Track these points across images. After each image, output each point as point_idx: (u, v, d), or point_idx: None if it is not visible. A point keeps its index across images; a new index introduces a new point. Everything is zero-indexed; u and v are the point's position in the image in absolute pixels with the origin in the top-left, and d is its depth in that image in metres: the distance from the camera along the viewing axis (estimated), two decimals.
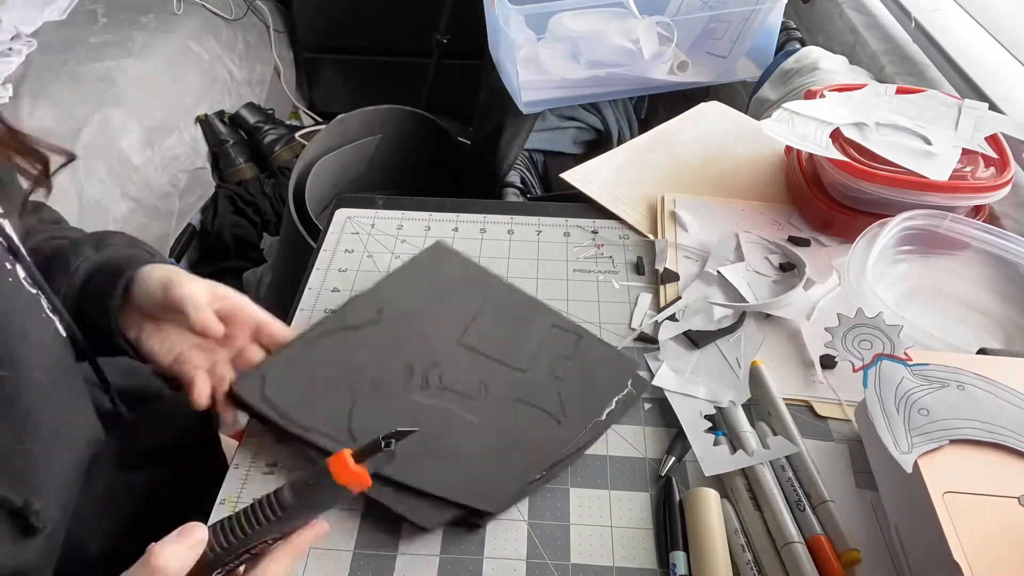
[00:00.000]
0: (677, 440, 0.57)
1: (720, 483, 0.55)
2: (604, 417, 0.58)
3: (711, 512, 0.51)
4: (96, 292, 0.57)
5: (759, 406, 0.59)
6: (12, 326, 0.47)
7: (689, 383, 0.62)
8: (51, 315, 0.53)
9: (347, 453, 0.42)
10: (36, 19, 1.68)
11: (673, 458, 0.56)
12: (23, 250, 0.52)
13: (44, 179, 0.56)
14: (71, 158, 0.57)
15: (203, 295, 0.56)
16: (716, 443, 0.56)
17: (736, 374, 0.63)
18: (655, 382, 0.62)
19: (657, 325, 0.67)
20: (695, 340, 0.66)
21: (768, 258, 0.74)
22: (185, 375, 0.57)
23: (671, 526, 0.51)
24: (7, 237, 0.51)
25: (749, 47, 1.15)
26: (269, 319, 0.60)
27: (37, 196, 0.58)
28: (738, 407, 0.59)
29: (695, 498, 0.52)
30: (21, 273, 0.51)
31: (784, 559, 0.49)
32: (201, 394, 0.56)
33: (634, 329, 0.67)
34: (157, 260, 0.60)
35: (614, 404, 0.59)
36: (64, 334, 0.54)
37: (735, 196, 0.82)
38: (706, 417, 0.59)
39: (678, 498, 0.53)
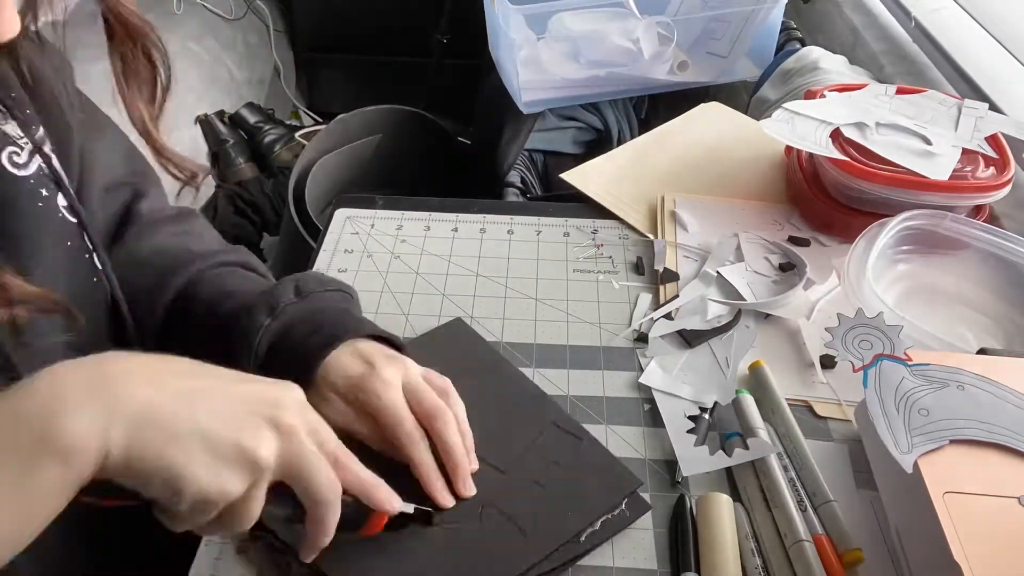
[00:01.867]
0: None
1: (730, 482, 0.55)
2: (582, 539, 0.50)
3: (723, 518, 0.50)
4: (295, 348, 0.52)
5: (762, 406, 0.59)
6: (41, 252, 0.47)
7: (676, 382, 0.62)
8: (96, 263, 0.52)
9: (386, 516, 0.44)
10: (36, 20, 1.67)
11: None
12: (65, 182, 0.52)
13: (192, 182, 0.56)
14: (208, 172, 0.58)
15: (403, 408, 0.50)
16: (697, 443, 0.56)
17: (724, 373, 0.63)
18: (641, 380, 0.62)
19: (652, 323, 0.67)
20: (688, 339, 0.66)
21: (768, 258, 0.74)
22: None
23: (683, 545, 0.50)
24: (53, 169, 0.51)
25: (749, 47, 1.15)
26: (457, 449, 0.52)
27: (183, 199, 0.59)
28: (753, 406, 0.59)
29: (708, 504, 0.51)
30: (62, 202, 0.51)
31: (792, 558, 0.49)
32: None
33: (635, 330, 0.67)
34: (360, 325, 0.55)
35: (598, 525, 0.51)
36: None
37: (735, 196, 0.82)
38: (689, 417, 0.58)
39: (690, 511, 0.52)
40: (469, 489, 0.51)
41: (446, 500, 0.50)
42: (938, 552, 0.44)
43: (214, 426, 0.37)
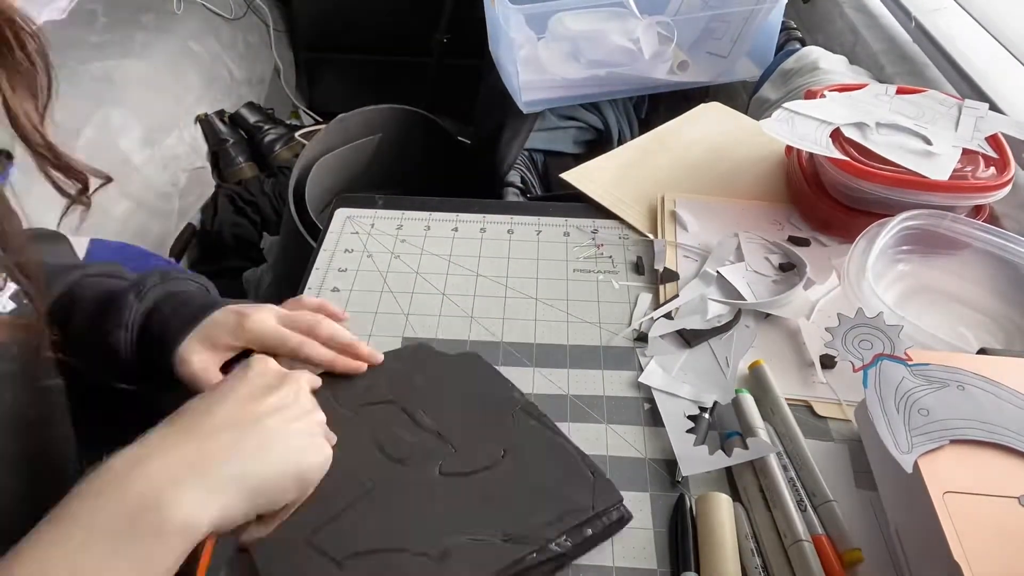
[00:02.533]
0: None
1: (729, 482, 0.55)
2: (553, 545, 0.48)
3: (723, 518, 0.50)
4: (166, 319, 0.58)
5: (762, 406, 0.59)
6: None
7: (675, 381, 0.62)
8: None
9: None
10: (35, 19, 1.67)
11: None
12: None
13: (82, 197, 0.54)
14: (108, 180, 0.55)
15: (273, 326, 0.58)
16: (697, 443, 0.56)
17: (724, 373, 0.63)
18: (641, 379, 0.62)
19: (652, 323, 0.67)
20: (688, 339, 0.66)
21: (768, 258, 0.74)
22: None
23: (683, 545, 0.50)
24: None
25: (749, 47, 1.15)
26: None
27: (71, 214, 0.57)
28: (752, 405, 0.59)
29: (707, 503, 0.52)
30: None
31: (791, 558, 0.49)
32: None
33: (635, 330, 0.67)
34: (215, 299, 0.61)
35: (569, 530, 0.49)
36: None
37: (735, 196, 0.82)
38: (689, 417, 0.58)
39: (690, 511, 0.52)
40: (374, 355, 0.60)
41: (352, 364, 0.59)
42: (938, 552, 0.44)
43: (288, 422, 0.48)
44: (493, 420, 0.56)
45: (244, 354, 0.57)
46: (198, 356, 0.56)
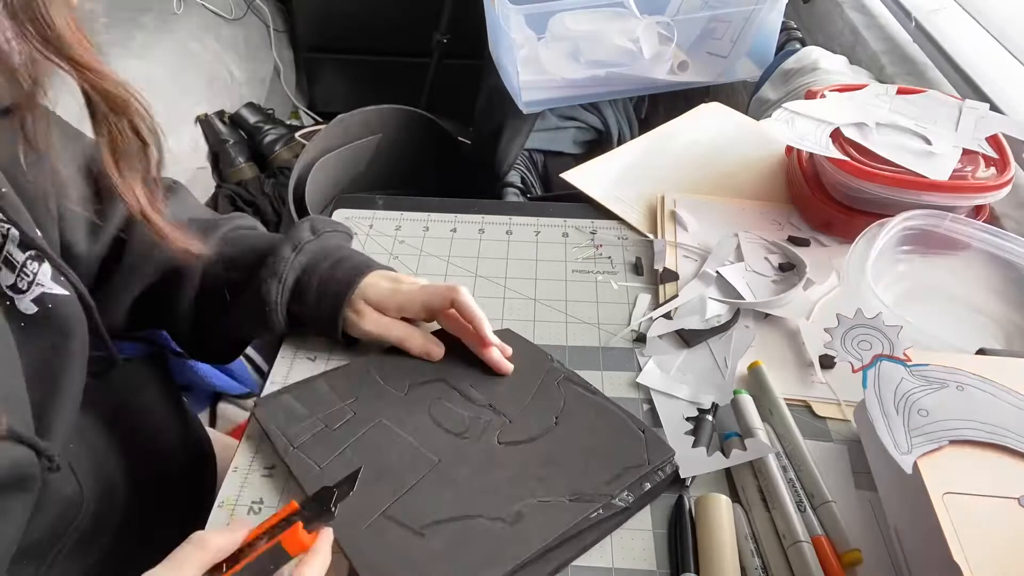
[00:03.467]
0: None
1: (728, 483, 0.55)
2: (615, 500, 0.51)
3: (722, 519, 0.50)
4: (326, 282, 0.61)
5: (761, 406, 0.59)
6: None
7: (673, 382, 0.62)
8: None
9: (299, 527, 0.43)
10: None
11: None
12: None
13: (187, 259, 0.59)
14: (206, 258, 0.60)
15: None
16: (697, 444, 0.56)
17: (722, 373, 0.62)
18: (639, 379, 0.62)
19: (651, 323, 0.67)
20: (687, 339, 0.66)
21: (768, 258, 0.74)
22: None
23: (682, 546, 0.50)
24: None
25: (749, 47, 1.15)
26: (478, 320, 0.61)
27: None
28: (751, 406, 0.58)
29: (706, 504, 0.51)
30: None
31: (791, 558, 0.49)
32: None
33: (634, 331, 0.67)
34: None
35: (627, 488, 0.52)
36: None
37: (735, 196, 0.82)
38: (689, 419, 0.58)
39: (688, 514, 0.52)
40: (502, 350, 0.61)
41: (495, 355, 0.60)
42: (938, 553, 0.43)
43: None
44: (539, 390, 0.59)
45: None
46: (370, 316, 0.61)
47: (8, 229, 0.50)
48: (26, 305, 0.51)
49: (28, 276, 0.51)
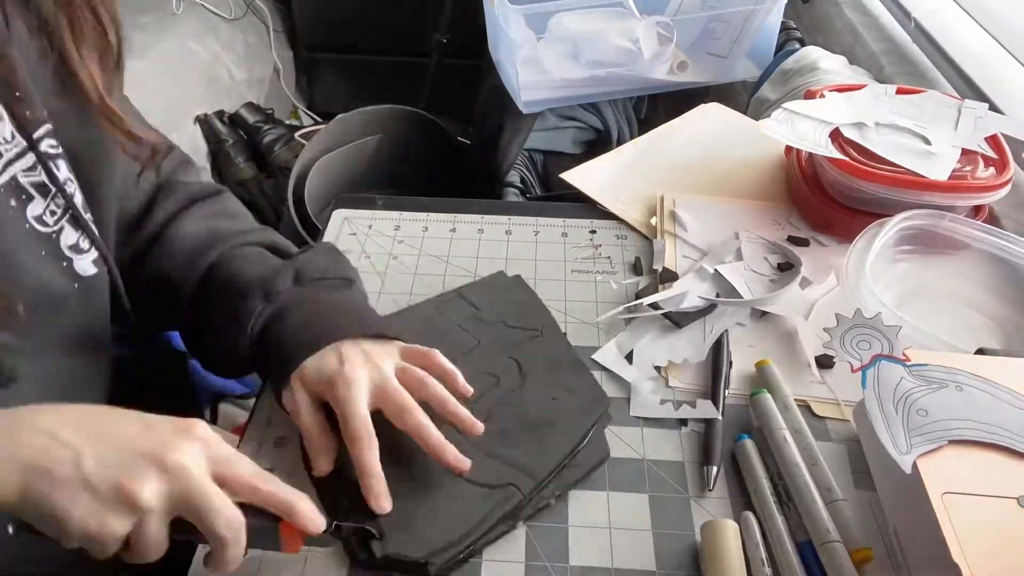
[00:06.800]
0: (712, 446, 0.56)
1: (740, 487, 0.55)
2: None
3: (729, 544, 0.48)
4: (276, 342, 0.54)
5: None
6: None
7: (625, 363, 0.64)
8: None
9: (297, 534, 0.44)
10: None
11: (716, 468, 0.55)
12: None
13: (151, 162, 0.57)
14: (170, 149, 0.58)
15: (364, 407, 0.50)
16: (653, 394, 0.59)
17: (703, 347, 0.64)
18: (594, 356, 0.64)
19: (634, 308, 0.68)
20: (677, 321, 0.66)
21: (767, 258, 0.74)
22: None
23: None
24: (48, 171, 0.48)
25: (749, 47, 1.15)
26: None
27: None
28: (771, 405, 0.58)
29: (713, 530, 0.49)
30: (31, 213, 0.48)
31: (822, 558, 0.48)
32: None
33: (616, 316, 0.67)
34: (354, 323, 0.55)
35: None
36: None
37: (735, 196, 0.82)
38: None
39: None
40: (462, 462, 0.51)
41: (381, 505, 0.50)
42: (937, 552, 0.43)
43: (97, 471, 0.40)
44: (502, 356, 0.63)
45: None
46: (297, 394, 0.52)
47: (75, 189, 0.50)
48: (84, 266, 0.51)
49: (92, 236, 0.52)
